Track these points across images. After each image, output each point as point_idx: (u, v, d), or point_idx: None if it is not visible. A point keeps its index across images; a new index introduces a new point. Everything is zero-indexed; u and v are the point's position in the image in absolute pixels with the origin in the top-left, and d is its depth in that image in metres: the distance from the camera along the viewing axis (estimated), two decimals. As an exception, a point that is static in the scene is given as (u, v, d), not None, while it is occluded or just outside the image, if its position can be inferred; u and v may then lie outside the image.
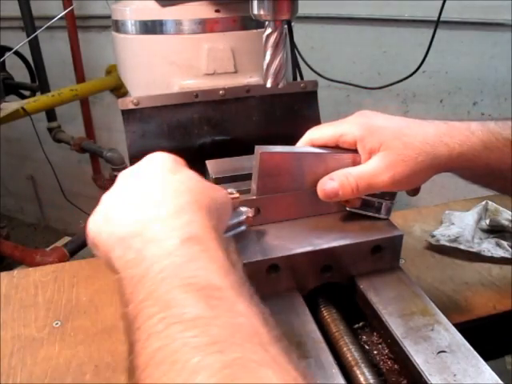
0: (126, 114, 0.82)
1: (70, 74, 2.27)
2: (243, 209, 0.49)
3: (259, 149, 0.50)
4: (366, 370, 0.42)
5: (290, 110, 0.88)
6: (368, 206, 0.53)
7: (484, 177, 0.52)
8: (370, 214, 0.53)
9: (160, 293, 0.28)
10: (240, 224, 0.49)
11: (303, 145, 0.54)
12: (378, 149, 0.49)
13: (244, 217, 0.49)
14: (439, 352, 0.41)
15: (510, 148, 0.49)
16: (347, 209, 0.54)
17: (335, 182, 0.50)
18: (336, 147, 0.52)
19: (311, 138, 0.53)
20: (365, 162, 0.51)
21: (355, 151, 0.52)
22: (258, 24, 0.87)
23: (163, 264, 0.30)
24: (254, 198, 0.51)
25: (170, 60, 0.93)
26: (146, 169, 0.39)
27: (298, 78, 1.08)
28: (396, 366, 0.44)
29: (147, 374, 0.25)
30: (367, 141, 0.50)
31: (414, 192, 0.56)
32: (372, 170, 0.49)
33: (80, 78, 2.24)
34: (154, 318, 0.27)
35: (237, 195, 0.49)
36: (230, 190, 0.47)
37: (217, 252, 0.32)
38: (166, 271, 0.29)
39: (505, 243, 0.72)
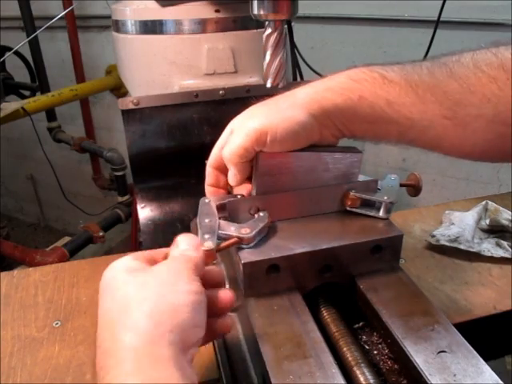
0: (126, 113, 0.82)
1: (70, 74, 2.27)
2: (262, 213, 0.50)
3: None
4: (366, 370, 0.42)
5: (289, 109, 0.88)
6: (367, 205, 0.53)
7: (374, 123, 0.47)
8: (370, 213, 0.53)
9: None
10: (264, 228, 0.49)
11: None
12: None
13: (267, 220, 0.49)
14: (439, 352, 0.41)
15: (380, 81, 0.46)
16: (347, 208, 0.54)
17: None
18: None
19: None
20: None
21: (355, 150, 0.52)
22: (258, 24, 0.87)
23: None
24: (254, 196, 0.51)
25: (170, 60, 0.93)
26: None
27: (298, 78, 1.09)
28: (396, 366, 0.44)
29: None
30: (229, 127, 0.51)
31: (416, 192, 0.55)
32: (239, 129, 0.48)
33: (80, 78, 2.24)
34: None
35: (210, 247, 0.42)
36: (206, 243, 0.43)
37: None
38: None
39: (505, 243, 0.72)
